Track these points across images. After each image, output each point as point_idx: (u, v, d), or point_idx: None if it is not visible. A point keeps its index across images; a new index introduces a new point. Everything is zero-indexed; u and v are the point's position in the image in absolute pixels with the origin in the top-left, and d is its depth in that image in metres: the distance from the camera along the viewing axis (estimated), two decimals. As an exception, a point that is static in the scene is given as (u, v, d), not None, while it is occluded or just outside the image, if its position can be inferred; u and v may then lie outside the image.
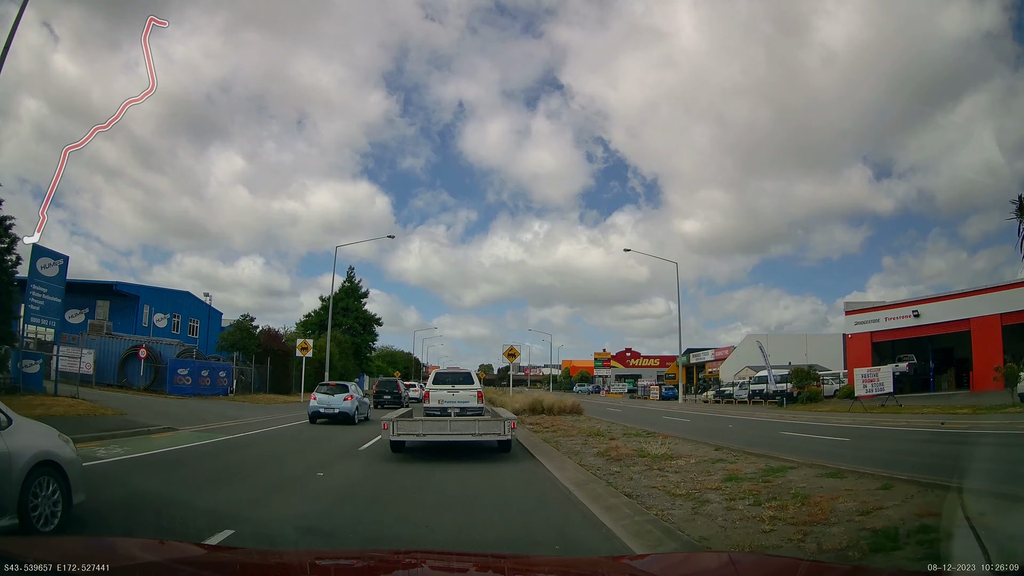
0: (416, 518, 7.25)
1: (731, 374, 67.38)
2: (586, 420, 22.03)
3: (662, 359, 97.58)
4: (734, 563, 3.01)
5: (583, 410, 24.81)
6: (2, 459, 5.08)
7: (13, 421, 5.47)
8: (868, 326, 45.82)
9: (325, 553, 4.03)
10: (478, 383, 16.39)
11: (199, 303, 51.26)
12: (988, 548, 2.74)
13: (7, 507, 5.04)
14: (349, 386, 23.18)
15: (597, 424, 20.15)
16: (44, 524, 5.45)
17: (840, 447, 14.56)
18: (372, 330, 64.39)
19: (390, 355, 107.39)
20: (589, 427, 18.70)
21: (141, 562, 2.73)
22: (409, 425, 12.27)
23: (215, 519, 6.29)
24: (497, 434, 12.05)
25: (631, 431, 17.01)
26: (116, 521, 6.47)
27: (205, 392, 31.97)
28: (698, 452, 11.52)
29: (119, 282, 42.30)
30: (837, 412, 30.63)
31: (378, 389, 35.82)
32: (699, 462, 10.26)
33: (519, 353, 32.38)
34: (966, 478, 5.91)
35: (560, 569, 3.29)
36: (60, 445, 5.99)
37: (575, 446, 13.31)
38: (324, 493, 8.77)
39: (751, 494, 7.25)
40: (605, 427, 18.89)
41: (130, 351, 32.90)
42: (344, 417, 20.96)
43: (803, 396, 38.20)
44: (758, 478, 8.37)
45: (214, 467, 10.99)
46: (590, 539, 6.22)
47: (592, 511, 7.37)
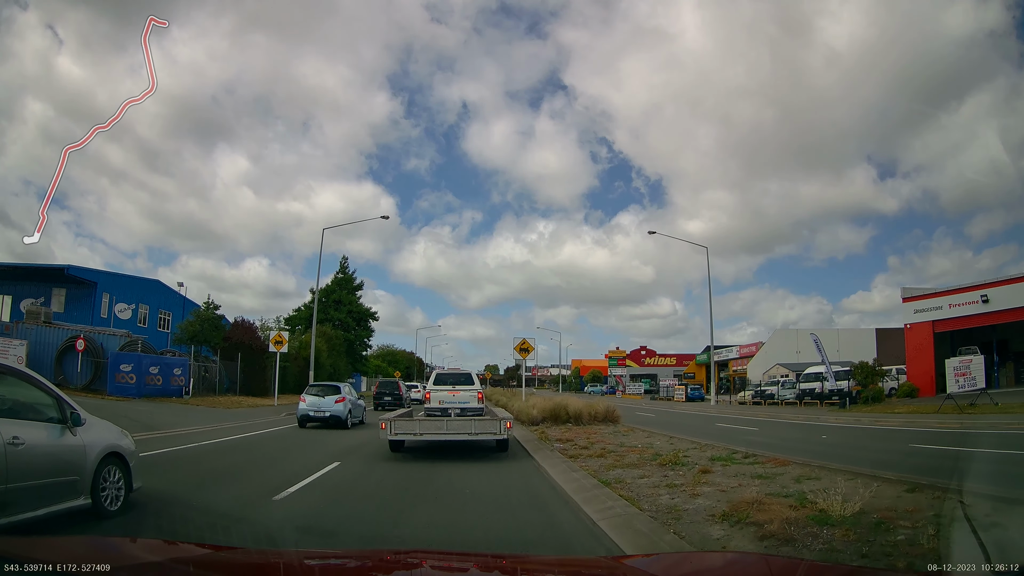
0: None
1: (759, 372, 61.94)
2: (629, 432, 16.42)
3: (679, 357, 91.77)
4: (734, 563, 3.04)
5: (620, 417, 19.19)
6: (79, 451, 6.12)
7: (86, 419, 6.36)
8: (929, 314, 40.07)
9: (325, 553, 4.02)
10: (478, 384, 16.67)
11: (171, 293, 45.87)
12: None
13: (83, 490, 6.06)
14: (341, 387, 21.21)
15: (651, 439, 14.54)
16: (111, 504, 6.40)
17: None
18: (367, 325, 58.60)
19: (390, 354, 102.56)
20: (643, 444, 13.13)
21: (141, 562, 2.74)
22: (407, 424, 12.29)
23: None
24: (494, 433, 12.06)
25: (717, 452, 11.40)
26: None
27: (154, 393, 26.50)
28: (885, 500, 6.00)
29: (72, 265, 36.84)
30: (922, 413, 25.09)
31: (378, 390, 34.63)
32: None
33: (533, 348, 26.81)
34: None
35: (560, 569, 3.20)
36: (123, 439, 6.97)
37: (658, 494, 7.29)
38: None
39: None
40: (666, 443, 13.31)
41: (67, 343, 27.50)
42: (336, 420, 19.44)
43: (866, 395, 32.49)
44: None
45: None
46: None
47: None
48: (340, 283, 57.27)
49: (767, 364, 62.34)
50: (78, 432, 6.10)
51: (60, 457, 5.85)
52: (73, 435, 6.05)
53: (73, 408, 6.19)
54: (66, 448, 5.94)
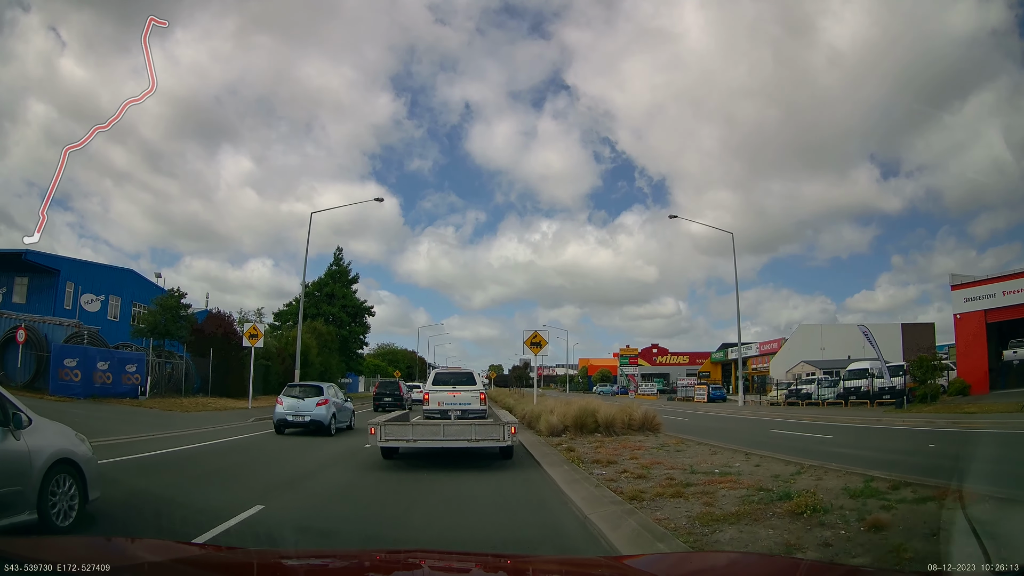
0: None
1: (782, 370, 57.96)
2: (681, 445, 12.51)
3: (691, 356, 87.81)
4: (735, 563, 3.00)
5: (661, 424, 15.29)
6: (23, 457, 5.43)
7: (33, 421, 5.72)
8: (981, 303, 35.93)
9: (325, 552, 3.99)
10: (480, 384, 16.04)
11: (147, 284, 42.09)
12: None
13: (28, 503, 5.39)
14: (324, 387, 18.73)
15: (717, 456, 10.64)
16: (62, 520, 5.72)
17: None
18: (363, 321, 54.77)
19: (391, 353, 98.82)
20: (720, 467, 9.23)
21: (141, 562, 2.72)
22: (399, 430, 11.00)
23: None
24: (496, 440, 10.65)
25: (842, 479, 7.53)
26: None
27: (103, 392, 22.74)
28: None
29: (30, 250, 32.90)
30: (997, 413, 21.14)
31: (377, 391, 33.31)
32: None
33: (546, 342, 23.01)
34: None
35: (560, 569, 3.16)
36: (77, 444, 6.27)
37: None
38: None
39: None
40: (749, 465, 9.44)
41: (8, 334, 23.74)
42: (317, 426, 17.16)
43: (921, 393, 28.55)
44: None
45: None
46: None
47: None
48: (333, 276, 53.45)
49: (790, 362, 58.39)
50: (22, 436, 5.52)
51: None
52: (16, 439, 5.43)
53: (17, 409, 5.57)
54: (6, 455, 5.31)
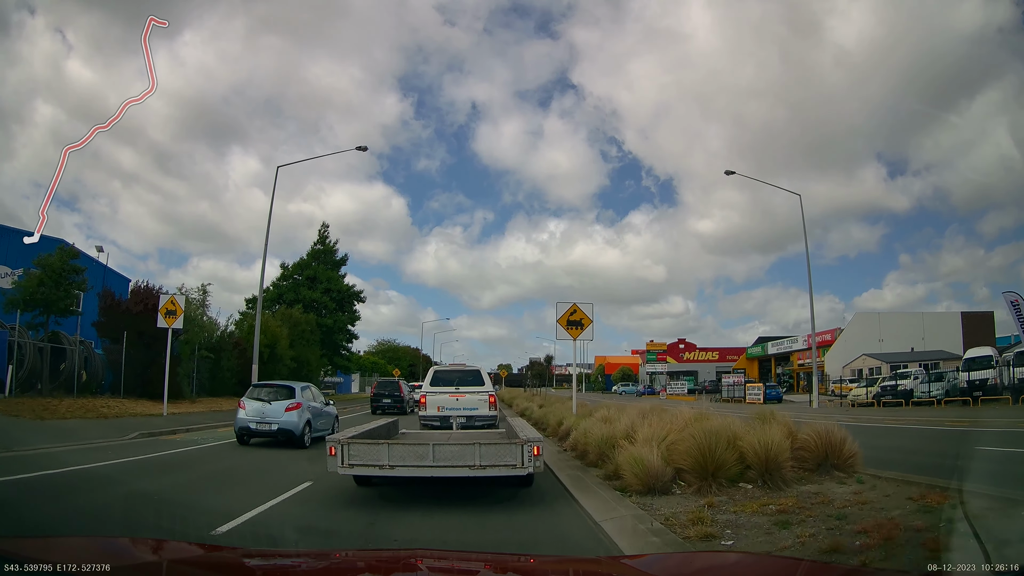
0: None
1: (838, 365, 50.17)
2: (941, 500, 4.77)
3: (721, 351, 79.87)
4: (736, 563, 3.02)
5: (859, 455, 7.57)
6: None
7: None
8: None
9: (325, 552, 4.00)
10: (489, 384, 14.23)
11: (84, 259, 34.41)
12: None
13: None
14: (297, 388, 14.98)
15: None
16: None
17: None
18: (351, 309, 47.08)
19: (391, 350, 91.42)
20: None
21: (141, 562, 2.73)
22: (369, 451, 7.04)
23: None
24: (512, 465, 6.76)
25: None
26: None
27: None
28: None
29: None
30: None
31: (375, 392, 31.53)
32: None
33: (590, 320, 15.52)
34: None
35: (560, 569, 3.15)
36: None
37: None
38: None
39: None
40: None
41: None
42: (287, 436, 13.86)
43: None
44: None
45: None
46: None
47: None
48: (316, 255, 45.77)
49: (848, 355, 50.58)
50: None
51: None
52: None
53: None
54: None
